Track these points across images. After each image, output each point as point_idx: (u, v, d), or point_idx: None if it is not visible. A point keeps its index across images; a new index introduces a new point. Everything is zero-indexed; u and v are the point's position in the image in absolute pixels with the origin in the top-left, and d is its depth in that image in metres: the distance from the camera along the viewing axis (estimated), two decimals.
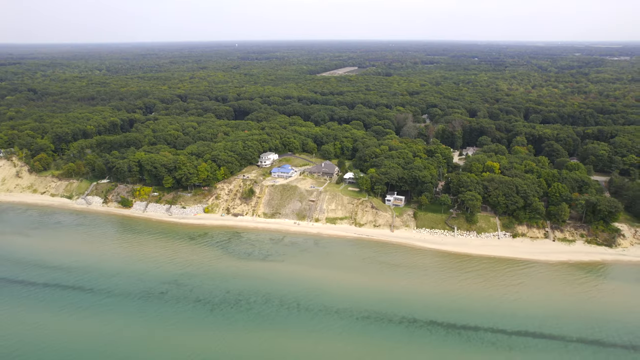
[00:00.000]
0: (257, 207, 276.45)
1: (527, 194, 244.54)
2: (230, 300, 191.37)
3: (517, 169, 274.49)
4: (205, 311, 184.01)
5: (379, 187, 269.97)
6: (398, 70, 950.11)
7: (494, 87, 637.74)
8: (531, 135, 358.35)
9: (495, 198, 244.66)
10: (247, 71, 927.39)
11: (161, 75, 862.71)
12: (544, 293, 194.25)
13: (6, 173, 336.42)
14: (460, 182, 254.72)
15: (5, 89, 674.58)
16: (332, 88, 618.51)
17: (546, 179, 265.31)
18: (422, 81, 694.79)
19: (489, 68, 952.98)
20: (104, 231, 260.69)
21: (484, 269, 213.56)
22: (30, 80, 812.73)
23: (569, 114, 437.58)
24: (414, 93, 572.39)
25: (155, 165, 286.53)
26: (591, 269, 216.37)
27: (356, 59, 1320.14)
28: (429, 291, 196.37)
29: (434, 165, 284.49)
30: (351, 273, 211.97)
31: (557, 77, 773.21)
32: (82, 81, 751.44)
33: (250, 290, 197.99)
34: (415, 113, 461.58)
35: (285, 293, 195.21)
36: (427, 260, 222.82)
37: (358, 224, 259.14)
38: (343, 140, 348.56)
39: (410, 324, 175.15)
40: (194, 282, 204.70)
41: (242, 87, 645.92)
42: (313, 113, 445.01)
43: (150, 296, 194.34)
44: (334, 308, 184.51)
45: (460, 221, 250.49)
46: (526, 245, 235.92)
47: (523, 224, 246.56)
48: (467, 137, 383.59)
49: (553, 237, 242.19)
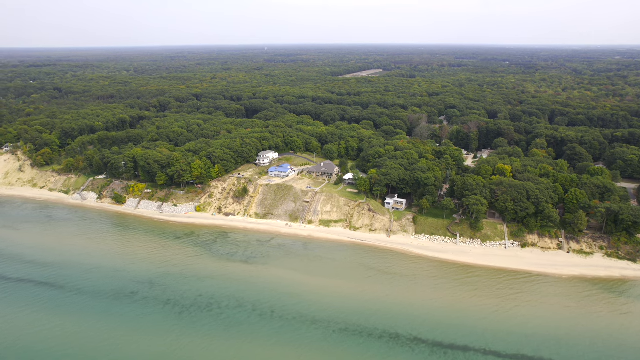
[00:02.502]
0: (250, 206, 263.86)
1: (539, 200, 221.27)
2: (201, 303, 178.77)
3: (531, 172, 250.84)
4: (173, 314, 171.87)
5: (377, 188, 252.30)
6: (423, 73, 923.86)
7: (520, 90, 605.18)
8: (553, 137, 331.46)
9: (503, 203, 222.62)
10: (269, 72, 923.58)
11: (183, 75, 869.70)
12: (549, 311, 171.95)
13: (10, 167, 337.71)
14: (465, 185, 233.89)
15: (34, 87, 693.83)
16: (349, 89, 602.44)
17: (563, 184, 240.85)
18: (445, 83, 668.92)
19: (519, 71, 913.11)
20: (91, 227, 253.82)
21: (483, 281, 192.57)
22: (59, 80, 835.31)
23: (599, 116, 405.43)
24: (433, 94, 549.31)
25: (149, 162, 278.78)
26: (609, 285, 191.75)
27: (382, 61, 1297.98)
28: (418, 303, 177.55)
29: (439, 167, 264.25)
30: (336, 280, 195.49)
31: (592, 80, 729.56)
32: (105, 81, 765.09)
33: (224, 293, 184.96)
34: (431, 114, 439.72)
35: (260, 298, 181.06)
36: (422, 269, 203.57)
37: (353, 227, 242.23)
38: (349, 140, 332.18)
39: (391, 339, 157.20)
40: (168, 282, 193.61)
41: (260, 87, 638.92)
42: (323, 112, 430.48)
43: (120, 295, 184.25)
44: (310, 317, 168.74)
45: (463, 228, 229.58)
46: (536, 257, 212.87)
47: (534, 232, 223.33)
48: (483, 139, 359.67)
49: (567, 249, 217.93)
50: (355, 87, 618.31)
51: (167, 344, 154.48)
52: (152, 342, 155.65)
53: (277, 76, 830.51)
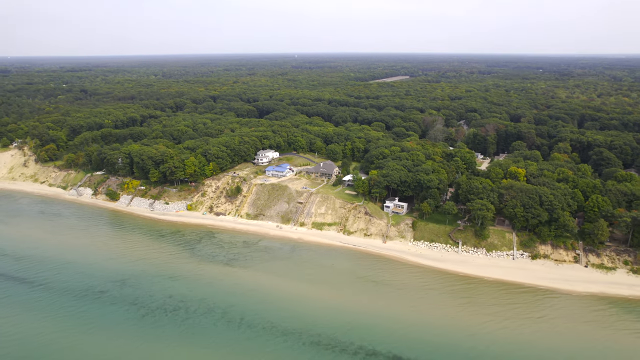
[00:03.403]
0: (241, 206, 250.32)
1: (553, 206, 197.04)
2: (169, 305, 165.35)
3: (548, 176, 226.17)
4: (136, 316, 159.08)
5: (376, 190, 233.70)
6: (449, 79, 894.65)
7: (550, 95, 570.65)
8: (578, 142, 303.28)
9: (512, 209, 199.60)
10: (292, 77, 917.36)
11: (207, 79, 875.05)
12: (555, 332, 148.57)
13: (15, 162, 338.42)
14: (471, 189, 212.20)
15: (62, 89, 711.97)
16: (369, 93, 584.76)
17: (584, 190, 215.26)
18: (470, 88, 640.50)
19: (551, 77, 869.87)
20: (78, 223, 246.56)
21: (481, 294, 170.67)
22: (89, 83, 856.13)
23: (634, 121, 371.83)
24: (455, 98, 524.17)
25: (143, 158, 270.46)
26: (632, 307, 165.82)
27: (410, 68, 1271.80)
28: (402, 317, 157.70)
29: (445, 169, 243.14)
30: (318, 287, 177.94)
31: (631, 86, 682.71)
32: (130, 83, 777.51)
33: (196, 296, 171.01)
34: (449, 117, 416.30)
35: (234, 303, 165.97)
36: (414, 279, 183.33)
37: (347, 231, 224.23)
38: (355, 140, 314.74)
39: (367, 356, 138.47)
40: (141, 282, 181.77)
41: (278, 89, 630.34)
42: (335, 114, 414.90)
43: (88, 293, 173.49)
44: (281, 327, 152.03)
45: (467, 235, 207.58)
46: (547, 270, 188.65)
47: (546, 242, 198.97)
48: (502, 142, 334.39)
49: (585, 262, 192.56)
50: (375, 91, 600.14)
51: (115, 346, 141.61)
52: (100, 345, 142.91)
53: (299, 80, 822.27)
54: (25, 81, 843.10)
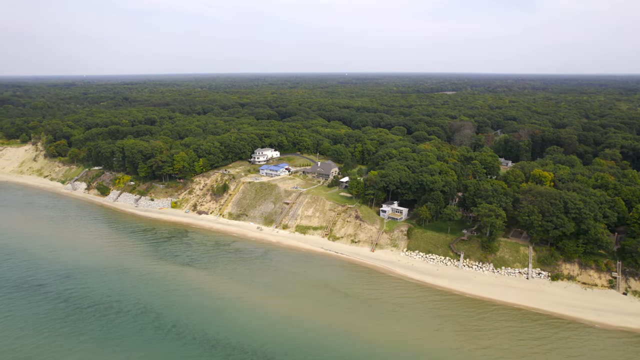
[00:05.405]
0: (225, 205, 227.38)
1: (582, 215, 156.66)
2: (103, 304, 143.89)
3: (581, 181, 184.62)
4: (62, 314, 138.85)
5: (371, 192, 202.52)
6: (497, 93, 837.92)
7: (608, 107, 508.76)
8: (631, 148, 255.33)
9: (527, 216, 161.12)
10: (332, 90, 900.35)
11: (245, 90, 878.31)
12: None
13: (27, 156, 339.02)
14: (478, 191, 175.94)
15: (107, 98, 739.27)
16: (404, 102, 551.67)
17: (628, 199, 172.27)
18: (515, 99, 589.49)
19: (614, 92, 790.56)
20: (57, 215, 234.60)
21: (478, 321, 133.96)
22: (136, 94, 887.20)
23: None
24: (495, 108, 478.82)
25: (133, 152, 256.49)
26: None
27: (459, 84, 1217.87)
28: (371, 341, 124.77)
29: (457, 172, 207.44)
30: (279, 298, 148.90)
31: None
32: (170, 93, 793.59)
33: (136, 296, 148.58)
34: (483, 124, 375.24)
35: (173, 307, 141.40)
36: (400, 296, 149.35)
37: (333, 237, 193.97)
38: (366, 142, 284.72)
39: None
40: (86, 277, 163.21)
41: (309, 98, 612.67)
42: (355, 119, 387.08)
43: (22, 286, 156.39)
44: (213, 339, 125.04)
45: (471, 247, 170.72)
46: (571, 295, 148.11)
47: (573, 261, 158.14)
48: (537, 149, 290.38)
49: (624, 288, 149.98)
50: (412, 101, 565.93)
51: (24, 344, 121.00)
52: (11, 344, 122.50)
53: (337, 93, 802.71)
54: (82, 92, 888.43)
